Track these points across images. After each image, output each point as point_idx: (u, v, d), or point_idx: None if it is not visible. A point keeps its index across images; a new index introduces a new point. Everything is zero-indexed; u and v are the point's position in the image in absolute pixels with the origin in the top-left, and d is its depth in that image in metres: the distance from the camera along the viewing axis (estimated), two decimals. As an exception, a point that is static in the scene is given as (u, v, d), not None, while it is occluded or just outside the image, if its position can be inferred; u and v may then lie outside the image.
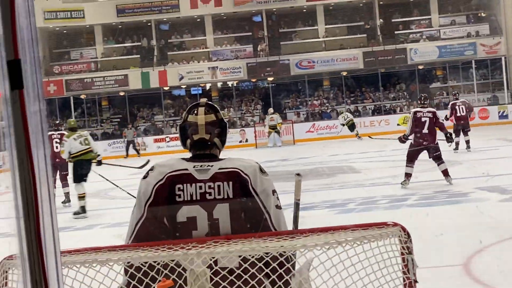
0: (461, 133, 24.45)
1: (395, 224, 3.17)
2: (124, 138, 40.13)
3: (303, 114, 44.63)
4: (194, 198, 3.38)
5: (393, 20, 46.67)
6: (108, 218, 14.54)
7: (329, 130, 40.50)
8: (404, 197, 14.65)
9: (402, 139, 17.01)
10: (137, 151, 39.30)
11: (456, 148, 23.87)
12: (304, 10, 46.91)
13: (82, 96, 44.81)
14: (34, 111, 1.38)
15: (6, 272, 3.27)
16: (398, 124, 40.46)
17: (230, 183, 3.40)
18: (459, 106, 24.74)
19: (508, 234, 10.06)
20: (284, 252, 3.13)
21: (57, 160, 17.31)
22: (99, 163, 17.73)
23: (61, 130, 19.33)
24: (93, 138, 41.63)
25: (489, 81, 45.16)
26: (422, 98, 17.29)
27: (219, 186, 3.39)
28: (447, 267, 8.31)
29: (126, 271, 3.17)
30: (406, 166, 16.24)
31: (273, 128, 37.66)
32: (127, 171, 26.12)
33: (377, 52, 44.14)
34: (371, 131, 37.08)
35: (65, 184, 18.20)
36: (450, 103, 25.88)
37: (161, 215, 3.42)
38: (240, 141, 39.88)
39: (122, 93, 44.83)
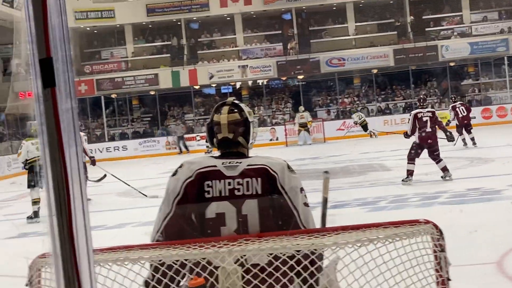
0: (465, 131, 25.95)
1: (427, 222, 3.15)
2: (174, 134, 40.25)
3: (333, 112, 44.58)
4: (223, 194, 3.40)
5: (423, 17, 46.40)
6: (139, 217, 14.57)
7: (359, 128, 40.40)
8: (436, 194, 14.59)
9: (407, 135, 17.57)
10: (186, 147, 39.33)
11: (465, 144, 25.69)
12: (334, 8, 46.79)
13: (113, 96, 45.07)
14: (66, 109, 1.39)
15: (39, 270, 3.30)
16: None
17: (259, 179, 3.42)
18: (459, 107, 26.21)
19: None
20: (315, 250, 3.13)
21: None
22: None
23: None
24: (124, 136, 42.18)
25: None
26: (422, 99, 18.45)
27: (247, 182, 3.41)
28: (480, 265, 8.25)
29: (157, 269, 3.17)
30: (409, 163, 16.73)
31: (303, 126, 37.62)
32: (157, 170, 26.27)
33: (407, 49, 43.92)
34: (402, 129, 36.90)
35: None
36: (450, 106, 27.45)
37: (189, 211, 3.44)
38: (271, 139, 39.88)
39: (152, 92, 44.99)
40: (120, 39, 47.37)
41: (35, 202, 16.59)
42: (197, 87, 45.28)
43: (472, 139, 25.51)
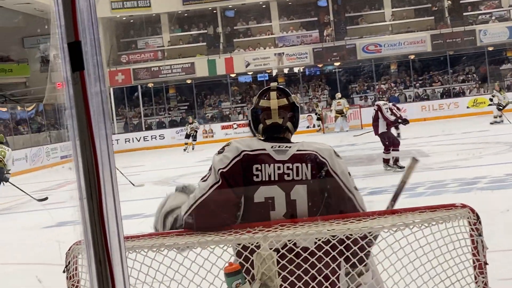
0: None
1: (463, 206, 3.14)
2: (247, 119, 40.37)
3: (370, 98, 44.29)
4: (272, 178, 3.34)
5: (461, 1, 45.96)
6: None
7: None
8: (475, 180, 14.49)
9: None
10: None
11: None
12: (371, -7, 46.62)
13: (150, 85, 45.29)
14: (95, 92, 1.39)
15: (76, 257, 3.33)
16: (467, 107, 40.13)
17: (309, 165, 3.36)
18: (394, 109, 26.10)
19: None
20: (351, 235, 3.13)
21: None
22: (5, 179, 18.93)
23: None
24: (161, 125, 42.34)
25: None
26: (381, 92, 19.90)
27: (297, 167, 3.36)
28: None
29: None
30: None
31: (340, 113, 37.57)
32: (194, 158, 26.40)
33: (445, 34, 43.59)
34: (440, 114, 36.82)
35: None
36: (388, 108, 27.16)
37: (239, 192, 3.38)
38: (308, 127, 39.85)
39: (189, 81, 45.15)
40: (156, 28, 47.51)
41: None
42: (233, 75, 45.37)
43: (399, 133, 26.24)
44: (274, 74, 45.72)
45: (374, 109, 18.46)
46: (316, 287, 3.17)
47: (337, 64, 44.97)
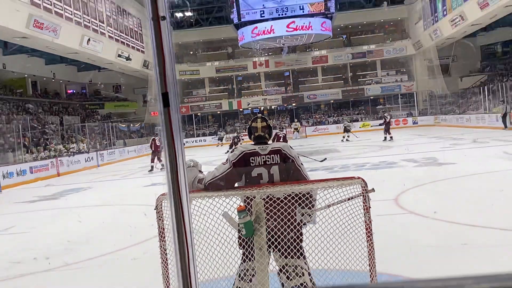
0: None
1: (358, 177, 3.15)
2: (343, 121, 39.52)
3: (310, 122, 44.37)
4: (260, 163, 3.35)
5: (357, 73, 46.00)
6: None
7: (323, 130, 40.46)
8: (363, 164, 14.46)
9: None
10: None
11: None
12: (311, 69, 46.51)
13: (198, 114, 45.22)
14: (175, 119, 1.39)
15: (162, 201, 3.32)
16: (360, 127, 39.98)
17: (278, 155, 3.38)
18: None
19: (424, 181, 9.87)
20: (301, 192, 3.11)
21: (158, 149, 18.97)
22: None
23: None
24: (204, 134, 41.63)
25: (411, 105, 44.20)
26: (278, 128, 17.59)
27: (272, 157, 3.38)
28: (383, 200, 8.17)
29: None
30: None
31: (296, 129, 37.62)
32: (221, 151, 26.21)
33: (349, 89, 43.72)
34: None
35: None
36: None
37: (241, 171, 3.40)
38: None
39: (218, 112, 45.15)
40: (202, 85, 47.40)
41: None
42: (241, 109, 45.38)
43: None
44: (262, 109, 45.71)
45: (281, 135, 16.48)
46: (284, 219, 3.18)
47: (294, 104, 44.97)
